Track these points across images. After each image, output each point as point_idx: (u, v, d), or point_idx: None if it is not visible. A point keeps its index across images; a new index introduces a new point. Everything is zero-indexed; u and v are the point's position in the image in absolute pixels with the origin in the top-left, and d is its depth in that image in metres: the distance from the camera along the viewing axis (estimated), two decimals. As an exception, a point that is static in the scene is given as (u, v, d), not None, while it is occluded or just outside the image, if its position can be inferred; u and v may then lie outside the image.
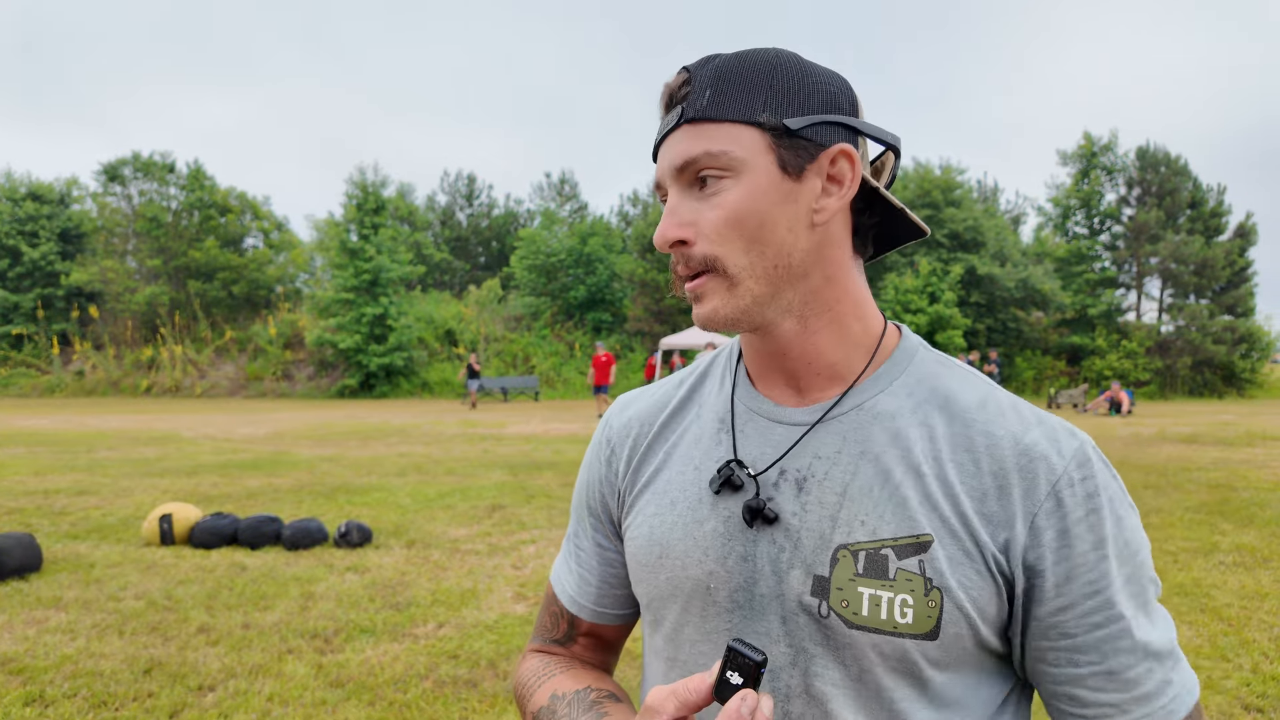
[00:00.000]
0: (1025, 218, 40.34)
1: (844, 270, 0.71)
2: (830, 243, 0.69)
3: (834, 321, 0.71)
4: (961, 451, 0.67)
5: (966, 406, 0.69)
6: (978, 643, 0.66)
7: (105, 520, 6.21)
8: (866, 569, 0.65)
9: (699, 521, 0.72)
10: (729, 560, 0.70)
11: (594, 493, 0.85)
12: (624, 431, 0.84)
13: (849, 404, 0.71)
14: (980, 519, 0.65)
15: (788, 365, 0.73)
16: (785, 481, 0.70)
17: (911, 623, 0.64)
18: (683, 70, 0.69)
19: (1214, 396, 28.16)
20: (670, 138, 0.68)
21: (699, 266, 0.68)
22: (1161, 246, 29.48)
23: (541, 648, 0.90)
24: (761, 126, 0.65)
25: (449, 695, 3.08)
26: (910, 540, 0.65)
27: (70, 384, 29.55)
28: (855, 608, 0.65)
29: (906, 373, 0.72)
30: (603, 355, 18.03)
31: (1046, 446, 0.66)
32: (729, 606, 0.70)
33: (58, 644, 3.57)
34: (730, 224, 0.66)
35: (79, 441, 12.05)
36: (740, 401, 0.76)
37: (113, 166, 33.95)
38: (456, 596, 4.30)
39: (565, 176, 44.97)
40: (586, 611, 0.86)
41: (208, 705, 2.97)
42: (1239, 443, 11.74)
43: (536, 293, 33.19)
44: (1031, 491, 0.64)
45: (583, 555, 0.87)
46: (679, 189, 0.68)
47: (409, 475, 8.59)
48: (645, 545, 0.76)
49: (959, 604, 0.64)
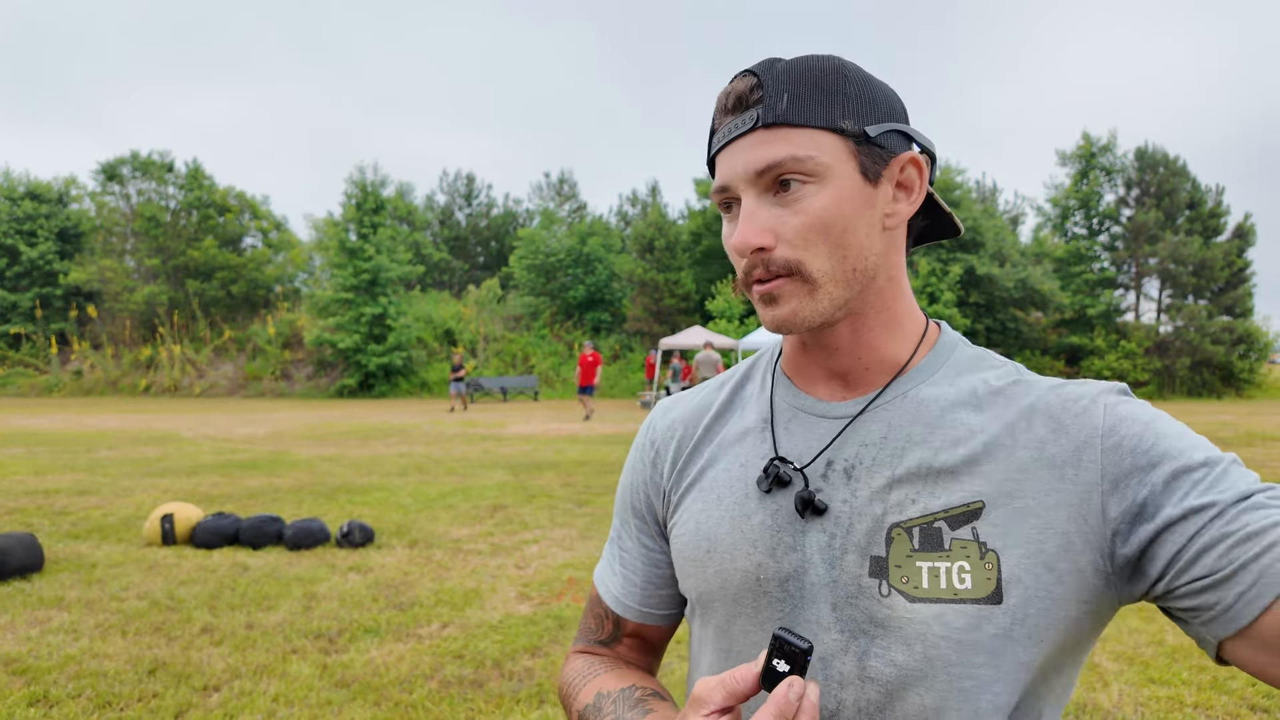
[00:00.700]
0: (1024, 218, 40.43)
1: (901, 271, 0.74)
2: (895, 246, 0.72)
3: (891, 319, 0.73)
4: (1010, 414, 0.68)
5: (1003, 385, 0.71)
6: (1046, 598, 0.63)
7: (106, 520, 6.20)
8: (922, 543, 0.66)
9: (746, 515, 0.74)
10: (778, 551, 0.71)
11: (638, 494, 0.87)
12: (668, 434, 0.85)
13: (893, 393, 0.73)
14: (1042, 466, 0.65)
15: (839, 362, 0.75)
16: (833, 472, 0.71)
17: (971, 588, 0.63)
18: (748, 74, 0.69)
19: (1212, 397, 28.19)
20: (742, 141, 0.68)
21: (780, 271, 0.68)
22: (1160, 247, 29.52)
23: (586, 649, 0.91)
24: (844, 133, 0.66)
25: (454, 695, 3.07)
26: (962, 509, 0.65)
27: (68, 384, 29.50)
28: (916, 582, 0.65)
29: (948, 364, 0.74)
30: (589, 355, 17.23)
31: (1083, 389, 0.68)
32: (780, 596, 0.71)
33: (61, 644, 3.56)
34: (816, 230, 0.66)
35: (78, 441, 12.03)
36: (781, 400, 0.78)
37: (111, 166, 33.91)
38: (460, 596, 4.29)
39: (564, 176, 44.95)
40: (632, 612, 0.87)
41: (213, 705, 2.97)
42: (1237, 443, 11.76)
43: (535, 292, 33.18)
44: (1089, 422, 0.65)
45: (627, 556, 0.88)
46: (756, 193, 0.68)
47: (410, 475, 8.58)
48: (692, 541, 0.77)
49: (1020, 562, 0.63)
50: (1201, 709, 2.96)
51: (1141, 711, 2.96)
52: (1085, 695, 3.10)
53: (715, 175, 0.72)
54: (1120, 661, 3.40)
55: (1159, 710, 2.96)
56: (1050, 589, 0.63)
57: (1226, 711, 2.94)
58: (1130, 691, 3.12)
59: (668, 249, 31.31)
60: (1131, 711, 2.96)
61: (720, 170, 0.71)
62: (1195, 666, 3.32)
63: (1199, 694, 3.07)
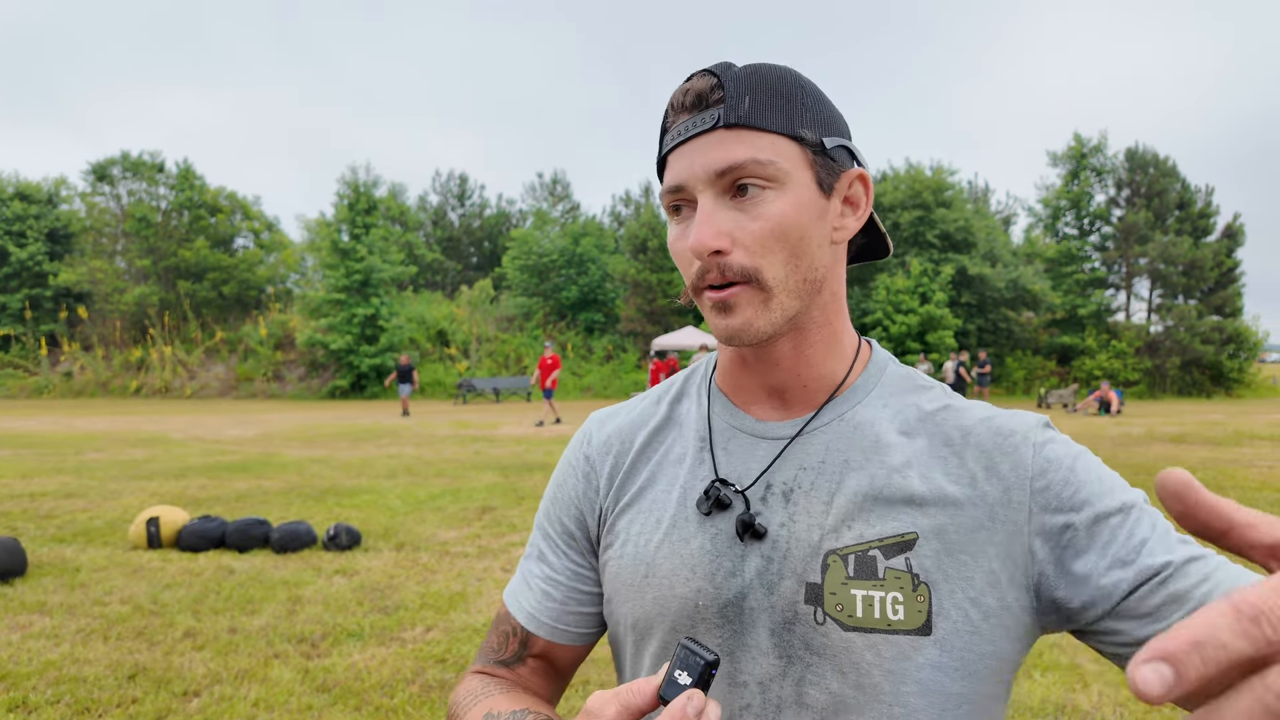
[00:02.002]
0: (1016, 218, 40.54)
1: (843, 287, 0.74)
2: (839, 261, 0.73)
3: (831, 335, 0.73)
4: (941, 447, 0.69)
5: (934, 410, 0.72)
6: (972, 634, 0.65)
7: (92, 523, 6.17)
8: (857, 571, 0.66)
9: (685, 540, 0.72)
10: (717, 576, 0.70)
11: (569, 509, 0.83)
12: (604, 449, 0.82)
13: (829, 415, 0.73)
14: (973, 504, 0.66)
15: (777, 378, 0.74)
16: (772, 495, 0.71)
17: (904, 619, 0.64)
18: (707, 73, 0.67)
19: (1202, 396, 28.34)
20: (702, 140, 0.66)
21: (735, 277, 0.66)
22: (1150, 247, 29.66)
23: (484, 669, 0.85)
24: (803, 141, 0.66)
25: (435, 699, 3.06)
26: (895, 540, 0.66)
27: (58, 385, 29.34)
28: (850, 610, 0.65)
29: (880, 384, 0.75)
30: (549, 357, 16.00)
31: (1014, 423, 0.69)
32: (718, 622, 0.70)
33: (41, 649, 3.54)
34: (775, 236, 0.65)
35: (66, 444, 11.97)
36: (719, 419, 0.77)
37: (101, 166, 33.74)
38: (445, 600, 4.29)
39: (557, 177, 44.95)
40: (545, 629, 0.82)
41: (192, 711, 2.95)
42: (1227, 442, 11.82)
43: (529, 293, 33.14)
44: (1019, 462, 0.66)
45: (548, 571, 0.83)
46: (714, 195, 0.66)
47: (399, 477, 8.56)
48: (630, 565, 0.75)
49: (949, 595, 0.64)
50: (1180, 710, 2.98)
51: (1120, 712, 2.98)
52: (1065, 696, 3.11)
53: (666, 175, 0.69)
54: (1100, 663, 3.42)
55: (1138, 711, 2.97)
56: (977, 625, 0.65)
57: (1205, 712, 2.96)
58: (1110, 692, 3.13)
59: (661, 249, 31.31)
60: (1110, 713, 2.97)
61: (674, 169, 0.68)
62: (1175, 667, 3.34)
63: (1178, 694, 3.09)
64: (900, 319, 26.85)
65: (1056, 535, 0.64)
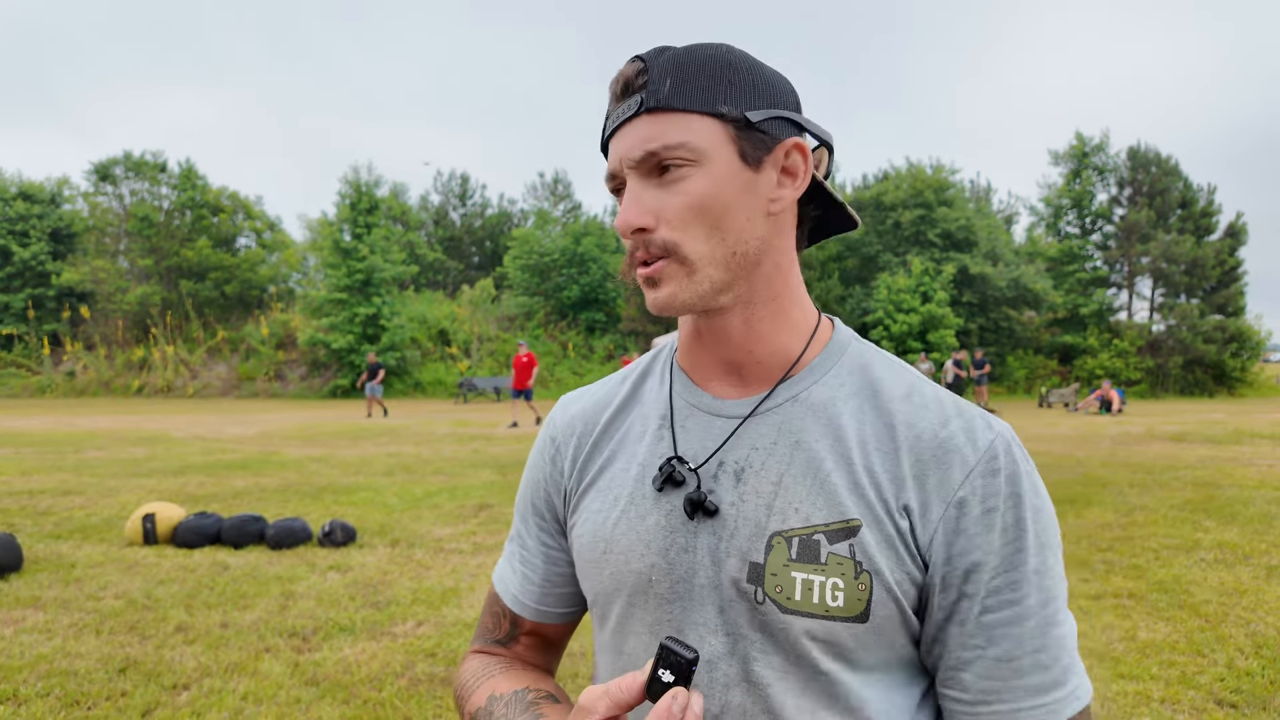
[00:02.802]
0: (1017, 217, 40.47)
1: (789, 260, 0.73)
2: (781, 233, 0.72)
3: (778, 310, 0.73)
4: (886, 441, 0.69)
5: (892, 398, 0.71)
6: (906, 628, 0.67)
7: (89, 520, 6.18)
8: (800, 554, 0.66)
9: (641, 516, 0.73)
10: (670, 553, 0.71)
11: (539, 492, 0.86)
12: (568, 430, 0.84)
13: (783, 395, 0.73)
14: (899, 507, 0.66)
15: (730, 354, 0.74)
16: (724, 473, 0.71)
17: (843, 605, 0.65)
18: (636, 59, 0.69)
19: (1205, 395, 28.27)
20: (628, 126, 0.68)
21: (659, 252, 0.68)
22: (1152, 246, 29.60)
23: (482, 649, 0.90)
24: (723, 118, 0.66)
25: (423, 693, 3.07)
26: (840, 525, 0.66)
27: (61, 384, 29.42)
28: (789, 592, 0.66)
29: (839, 364, 0.74)
30: (524, 355, 15.16)
31: (963, 440, 0.68)
32: (670, 598, 0.71)
33: (33, 643, 3.55)
34: (693, 211, 0.66)
35: (67, 442, 12.00)
36: (679, 397, 0.78)
37: (104, 166, 33.82)
38: (438, 595, 4.29)
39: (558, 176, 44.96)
40: (529, 610, 0.86)
41: (181, 704, 2.96)
42: (1226, 441, 11.80)
43: (530, 292, 33.15)
44: (945, 483, 0.66)
45: (526, 554, 0.87)
46: (639, 176, 0.68)
47: (397, 475, 8.57)
48: (590, 542, 0.77)
49: (888, 587, 0.65)
50: (1169, 704, 2.97)
51: (1109, 707, 2.97)
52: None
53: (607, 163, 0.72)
54: (1091, 657, 3.41)
55: (1126, 705, 2.97)
56: (906, 615, 0.67)
57: (1194, 706, 2.95)
58: (1099, 687, 3.13)
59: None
60: (1099, 706, 2.97)
61: (610, 157, 0.71)
62: (1164, 662, 3.33)
63: (1167, 689, 3.08)
64: (901, 318, 26.82)
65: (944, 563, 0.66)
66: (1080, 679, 0.66)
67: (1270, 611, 3.98)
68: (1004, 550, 0.65)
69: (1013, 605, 0.65)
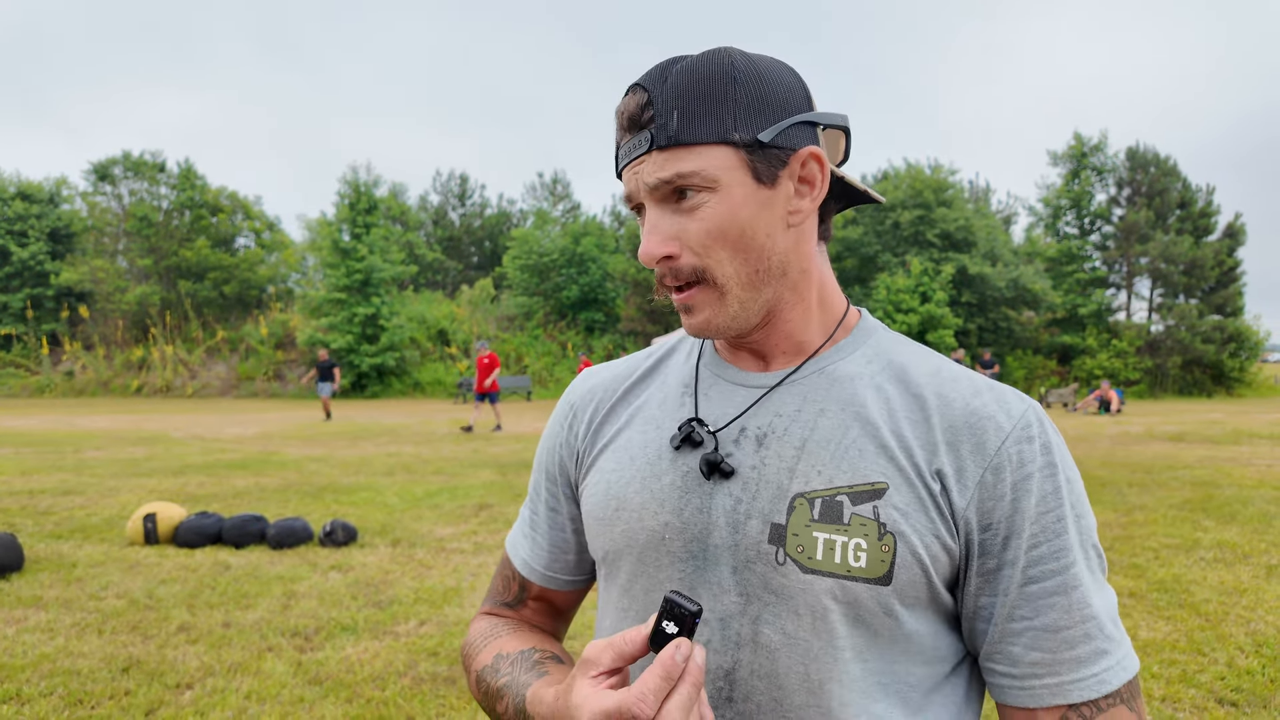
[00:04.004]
0: (1016, 218, 40.51)
1: (813, 260, 0.75)
2: (803, 239, 0.73)
3: (807, 309, 0.75)
4: (915, 411, 0.70)
5: (920, 373, 0.73)
6: (931, 593, 0.67)
7: (89, 520, 6.18)
8: (822, 514, 0.67)
9: (657, 475, 0.75)
10: (685, 512, 0.72)
11: (553, 456, 0.88)
12: (587, 396, 0.87)
13: (810, 368, 0.75)
14: (932, 471, 0.67)
15: (756, 345, 0.76)
16: (745, 438, 0.73)
17: (865, 566, 0.65)
18: (638, 89, 0.69)
19: (1203, 395, 28.30)
20: (638, 164, 0.69)
21: (688, 278, 0.70)
22: (1151, 246, 29.63)
23: (491, 610, 0.92)
24: (735, 144, 0.67)
25: (426, 692, 3.08)
26: (865, 487, 0.67)
27: (60, 384, 29.38)
28: (810, 552, 0.66)
29: (866, 345, 0.76)
30: (484, 356, 14.29)
31: (996, 408, 0.69)
32: (683, 556, 0.72)
33: (36, 643, 3.55)
34: (714, 236, 0.68)
35: (66, 442, 11.99)
36: (705, 367, 0.80)
37: (103, 166, 33.78)
38: (439, 594, 4.30)
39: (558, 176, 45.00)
40: (537, 575, 0.88)
41: (185, 703, 2.97)
42: (1225, 441, 11.82)
43: (529, 292, 33.14)
44: (980, 449, 0.67)
45: (537, 520, 0.89)
46: (655, 202, 0.69)
47: (397, 475, 8.57)
48: (602, 500, 0.78)
49: (913, 549, 0.65)
50: (1170, 702, 2.98)
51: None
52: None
53: (623, 185, 0.74)
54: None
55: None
56: (932, 582, 0.67)
57: (1194, 704, 2.96)
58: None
59: (661, 249, 31.29)
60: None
61: (625, 183, 0.72)
62: (1165, 661, 3.34)
63: (1168, 688, 3.10)
64: (900, 318, 26.83)
65: (982, 530, 0.67)
66: (1127, 648, 0.67)
67: (1270, 610, 3.99)
68: (1043, 519, 0.66)
69: (1057, 575, 0.65)
